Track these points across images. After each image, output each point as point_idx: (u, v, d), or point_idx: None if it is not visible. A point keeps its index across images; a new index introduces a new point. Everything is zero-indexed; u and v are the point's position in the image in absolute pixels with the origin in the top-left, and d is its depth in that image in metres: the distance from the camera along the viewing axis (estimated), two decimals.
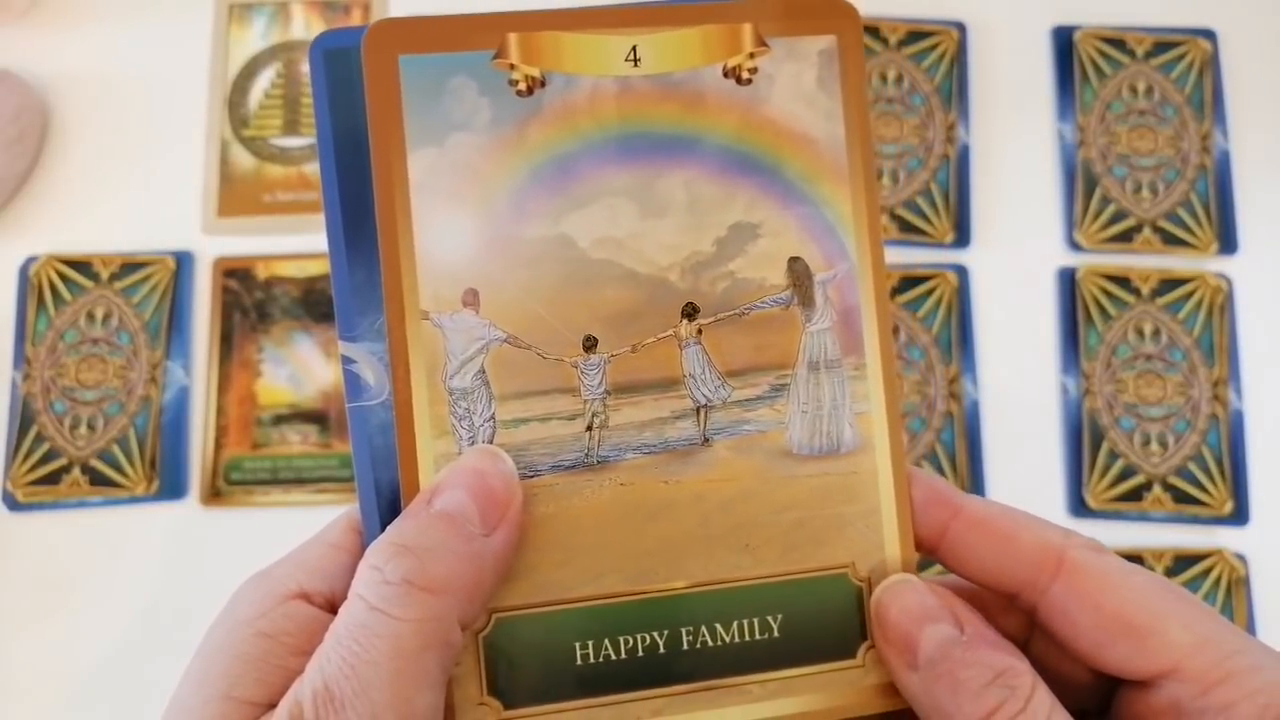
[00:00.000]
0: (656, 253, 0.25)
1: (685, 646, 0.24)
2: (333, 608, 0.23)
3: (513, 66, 0.24)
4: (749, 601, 0.25)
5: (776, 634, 0.25)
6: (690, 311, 0.25)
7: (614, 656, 0.24)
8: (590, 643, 0.24)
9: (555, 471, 0.24)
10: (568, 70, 0.24)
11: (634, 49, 0.25)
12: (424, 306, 0.24)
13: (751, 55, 0.25)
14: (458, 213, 0.24)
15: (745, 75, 0.25)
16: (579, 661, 0.24)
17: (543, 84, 0.24)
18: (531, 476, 0.24)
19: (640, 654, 0.24)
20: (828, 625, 0.25)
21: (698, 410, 0.25)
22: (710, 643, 0.24)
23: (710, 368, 0.25)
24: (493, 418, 0.24)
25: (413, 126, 0.24)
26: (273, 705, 0.21)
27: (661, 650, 0.24)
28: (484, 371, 0.24)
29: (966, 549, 0.25)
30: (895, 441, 0.25)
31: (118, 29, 0.64)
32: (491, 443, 0.24)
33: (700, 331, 0.25)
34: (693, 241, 0.25)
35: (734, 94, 0.25)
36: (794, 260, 0.25)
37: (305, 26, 0.65)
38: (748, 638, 0.25)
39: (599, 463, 0.25)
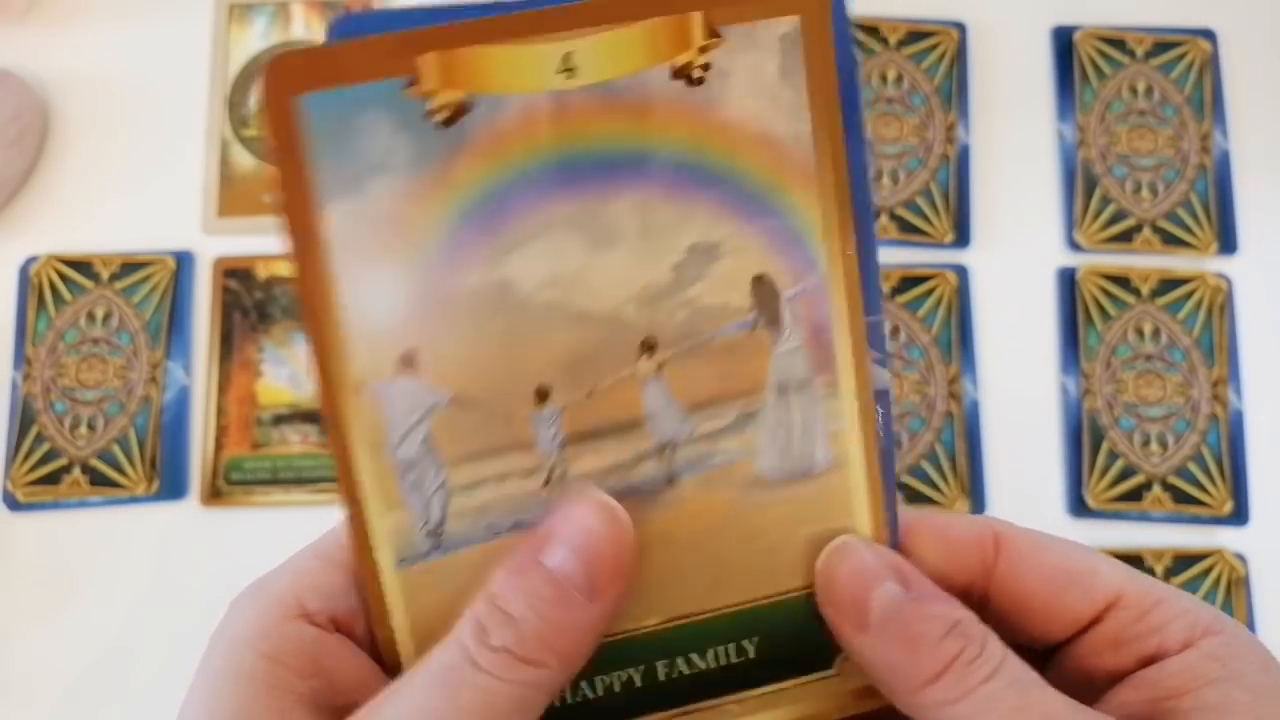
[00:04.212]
0: (607, 287, 0.22)
1: (662, 678, 0.24)
2: (334, 626, 0.23)
3: (429, 94, 0.21)
4: (723, 630, 0.24)
5: (752, 655, 0.24)
6: (649, 347, 0.23)
7: (591, 696, 0.24)
8: (567, 687, 0.23)
9: (517, 530, 0.23)
10: (493, 91, 0.21)
11: (567, 57, 0.21)
12: (358, 377, 0.22)
13: (703, 49, 0.22)
14: (384, 269, 0.21)
15: (697, 73, 0.22)
16: (556, 703, 0.23)
17: (466, 110, 0.21)
18: (493, 538, 0.23)
19: (617, 690, 0.24)
20: (803, 642, 0.24)
21: (661, 450, 0.23)
22: (686, 671, 0.24)
23: (673, 404, 0.23)
24: (443, 484, 0.22)
25: (322, 178, 0.21)
26: None
27: (638, 684, 0.24)
28: (429, 438, 0.22)
29: (920, 553, 0.25)
30: (869, 454, 0.24)
31: (118, 29, 0.64)
32: (447, 509, 0.23)
33: (661, 366, 0.23)
34: (647, 271, 0.23)
35: (685, 97, 0.22)
36: (758, 279, 0.23)
37: (305, 26, 0.65)
38: (724, 663, 0.24)
39: None
